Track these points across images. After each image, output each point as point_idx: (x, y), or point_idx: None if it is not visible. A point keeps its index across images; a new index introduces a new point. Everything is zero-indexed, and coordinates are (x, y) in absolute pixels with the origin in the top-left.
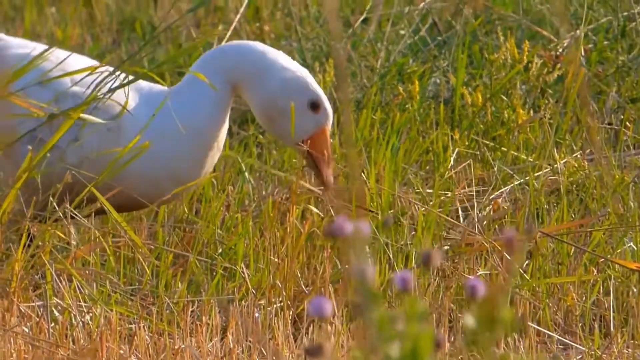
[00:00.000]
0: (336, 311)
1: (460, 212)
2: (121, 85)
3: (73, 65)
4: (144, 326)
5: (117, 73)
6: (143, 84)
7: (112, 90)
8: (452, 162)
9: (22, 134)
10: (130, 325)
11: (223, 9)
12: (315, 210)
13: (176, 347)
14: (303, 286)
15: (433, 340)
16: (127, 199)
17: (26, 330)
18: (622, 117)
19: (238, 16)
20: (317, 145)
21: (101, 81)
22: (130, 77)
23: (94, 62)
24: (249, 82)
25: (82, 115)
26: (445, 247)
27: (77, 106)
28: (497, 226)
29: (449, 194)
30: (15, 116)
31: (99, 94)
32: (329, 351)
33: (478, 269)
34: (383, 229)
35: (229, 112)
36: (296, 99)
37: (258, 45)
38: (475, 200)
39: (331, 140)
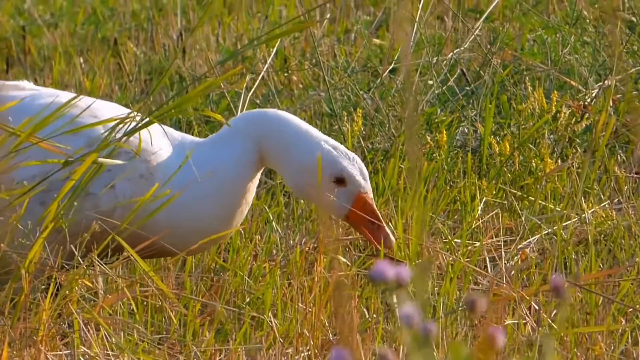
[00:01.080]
0: (364, 359)
1: (487, 261)
2: (139, 128)
3: (104, 112)
4: None
5: (145, 120)
6: (176, 134)
7: (130, 133)
8: (479, 212)
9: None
10: None
11: (251, 58)
12: (343, 259)
13: None
14: (331, 335)
15: None
16: (157, 247)
17: None
18: None
19: (266, 66)
20: (359, 214)
21: (131, 128)
22: (150, 121)
23: (124, 110)
24: (277, 156)
25: (99, 159)
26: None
27: (92, 150)
28: (525, 276)
29: (477, 243)
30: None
31: (124, 139)
32: None
33: (506, 319)
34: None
35: (258, 173)
36: (322, 177)
37: (289, 117)
38: (502, 249)
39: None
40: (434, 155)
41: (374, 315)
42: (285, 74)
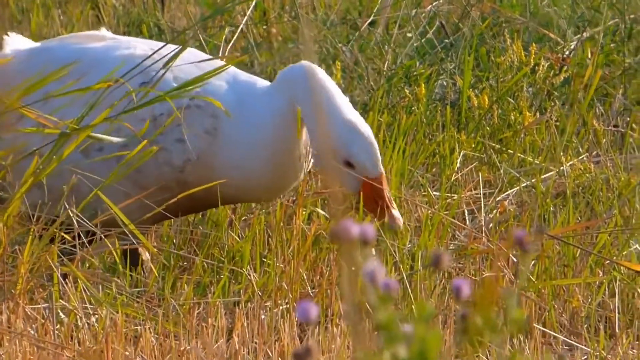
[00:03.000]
0: (342, 313)
1: (466, 214)
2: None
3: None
4: (149, 328)
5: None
6: (243, 80)
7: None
8: (458, 165)
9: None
10: (136, 327)
11: (230, 11)
12: (322, 212)
13: (182, 349)
14: (309, 288)
15: (440, 342)
16: (224, 198)
17: (32, 332)
18: (628, 119)
19: (245, 18)
20: (369, 193)
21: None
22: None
23: (202, 55)
24: (304, 117)
25: (92, 134)
26: (452, 249)
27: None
28: (503, 228)
29: (456, 196)
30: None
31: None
32: (316, 354)
33: (484, 271)
34: (388, 231)
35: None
36: (335, 157)
37: (318, 80)
38: (481, 202)
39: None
40: (413, 108)
41: (352, 269)
42: (265, 27)
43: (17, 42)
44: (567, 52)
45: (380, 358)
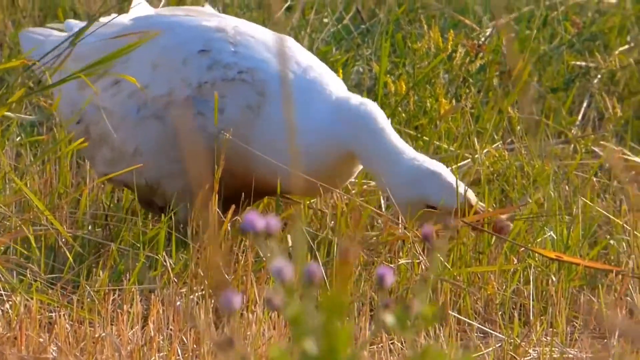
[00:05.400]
0: (258, 300)
1: (382, 201)
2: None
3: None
4: (64, 315)
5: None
6: (316, 72)
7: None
8: None
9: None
10: (50, 314)
11: None
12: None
13: (97, 336)
14: (226, 275)
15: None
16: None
17: None
18: (542, 107)
19: (162, 3)
20: (463, 217)
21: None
22: None
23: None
24: (366, 159)
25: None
26: (368, 236)
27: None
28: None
29: (372, 182)
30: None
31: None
32: (239, 344)
33: (400, 258)
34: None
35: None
36: (415, 204)
37: (379, 126)
38: None
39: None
40: None
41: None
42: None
43: (139, 9)
44: (482, 39)
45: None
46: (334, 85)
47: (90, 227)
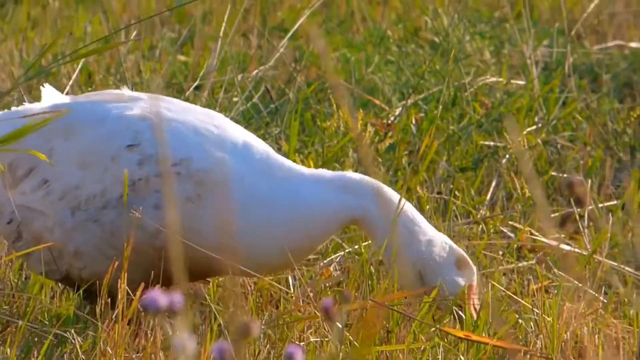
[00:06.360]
0: None
1: (291, 280)
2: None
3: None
4: None
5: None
6: (254, 148)
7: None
8: None
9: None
10: None
11: (55, 74)
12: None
13: None
14: (133, 353)
15: None
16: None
17: None
18: (451, 186)
19: (71, 81)
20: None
21: None
22: None
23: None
24: (376, 236)
25: None
26: (277, 314)
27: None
28: (329, 293)
29: None
30: None
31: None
32: None
33: (309, 336)
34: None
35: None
36: (445, 259)
37: (396, 198)
38: (304, 268)
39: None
40: None
41: (177, 332)
42: (90, 89)
43: (52, 95)
44: (392, 118)
45: None
46: (281, 159)
47: None
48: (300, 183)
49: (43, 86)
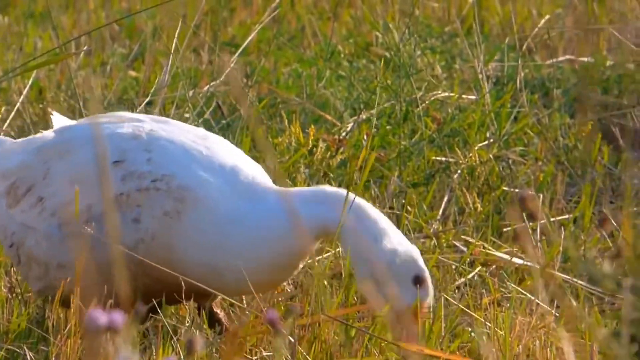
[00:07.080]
0: None
1: (244, 296)
2: None
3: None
4: None
5: None
6: (231, 163)
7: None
8: None
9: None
10: None
11: (6, 90)
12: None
13: None
14: None
15: None
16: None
17: None
18: (403, 201)
19: (22, 97)
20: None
21: None
22: None
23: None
24: (352, 242)
25: None
26: (227, 330)
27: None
28: (282, 308)
29: None
30: None
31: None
32: None
33: (262, 351)
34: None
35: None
36: (403, 273)
37: (369, 209)
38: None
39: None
40: None
41: (130, 349)
42: (41, 105)
43: (61, 121)
44: (343, 134)
45: None
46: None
47: None
48: (277, 200)
49: (52, 114)
